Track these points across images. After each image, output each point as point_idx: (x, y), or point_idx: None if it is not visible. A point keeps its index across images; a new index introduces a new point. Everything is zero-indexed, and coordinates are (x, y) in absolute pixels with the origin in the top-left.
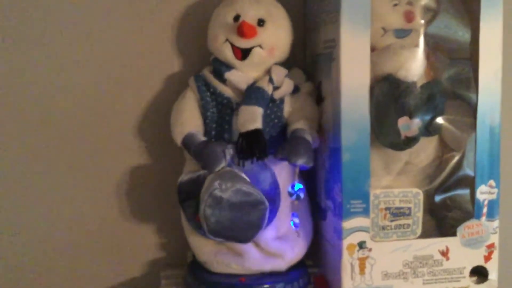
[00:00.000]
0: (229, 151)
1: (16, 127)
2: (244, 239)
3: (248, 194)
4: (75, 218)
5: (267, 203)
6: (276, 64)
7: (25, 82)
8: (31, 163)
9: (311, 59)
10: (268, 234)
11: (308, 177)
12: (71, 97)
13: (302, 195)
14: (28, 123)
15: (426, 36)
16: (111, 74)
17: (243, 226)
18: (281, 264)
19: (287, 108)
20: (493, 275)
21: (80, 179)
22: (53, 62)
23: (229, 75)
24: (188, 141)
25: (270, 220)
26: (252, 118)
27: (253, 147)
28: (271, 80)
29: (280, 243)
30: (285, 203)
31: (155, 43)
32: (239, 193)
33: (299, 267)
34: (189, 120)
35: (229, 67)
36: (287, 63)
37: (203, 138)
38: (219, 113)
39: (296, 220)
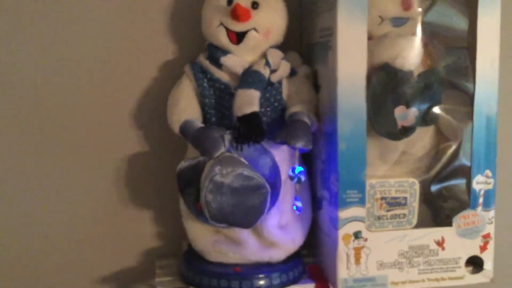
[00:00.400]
0: (228, 136)
1: (13, 117)
2: (247, 224)
3: (249, 178)
4: (71, 207)
5: (268, 187)
6: (271, 47)
7: (22, 72)
8: (29, 153)
9: (307, 47)
10: (270, 221)
11: (304, 166)
12: (65, 86)
13: (303, 178)
14: (26, 114)
15: (423, 24)
16: (106, 63)
17: (245, 211)
18: (279, 255)
19: (285, 91)
20: (488, 265)
21: (76, 168)
22: (47, 52)
23: (224, 60)
24: (185, 128)
25: (272, 205)
26: (249, 101)
27: (251, 130)
28: (267, 63)
29: (282, 232)
30: (286, 189)
31: (149, 29)
32: (240, 177)
33: (294, 257)
34: (186, 107)
35: (225, 51)
36: (282, 50)
37: (200, 125)
38: (218, 99)
39: (299, 204)
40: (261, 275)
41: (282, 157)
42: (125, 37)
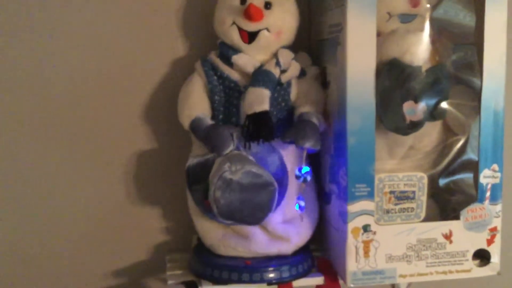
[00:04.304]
0: (237, 134)
1: (22, 115)
2: (254, 221)
3: (257, 176)
4: (81, 202)
5: (276, 184)
6: (282, 47)
7: (31, 69)
8: (39, 151)
9: (315, 44)
10: (275, 218)
11: (312, 161)
12: (75, 83)
13: (309, 178)
14: (35, 112)
15: (431, 20)
16: (116, 60)
17: (253, 208)
18: (287, 248)
19: (294, 92)
20: (495, 258)
21: (86, 164)
22: (56, 50)
23: (236, 58)
24: (195, 125)
25: (279, 202)
26: (259, 100)
27: (260, 129)
28: (278, 63)
29: (287, 226)
30: (292, 186)
31: (161, 27)
32: (249, 174)
33: (303, 250)
34: (196, 104)
35: (236, 50)
36: (292, 48)
37: (210, 122)
38: (227, 97)
39: (302, 203)
40: (271, 268)
41: (290, 156)
42: (136, 34)
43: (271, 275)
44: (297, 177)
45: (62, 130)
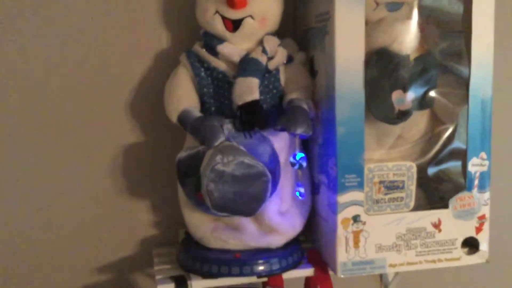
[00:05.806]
0: (227, 125)
1: (10, 108)
2: (248, 212)
3: (250, 167)
4: (68, 197)
5: (269, 175)
6: (267, 34)
7: (16, 61)
8: (26, 145)
9: (302, 33)
10: (271, 208)
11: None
12: (60, 78)
13: (304, 164)
14: (22, 105)
15: (419, 8)
16: (100, 53)
17: (246, 199)
18: (279, 240)
19: (283, 78)
20: (484, 246)
21: (73, 158)
22: (42, 44)
23: (221, 48)
24: (184, 118)
25: (272, 192)
26: (249, 89)
27: (253, 118)
28: (264, 51)
29: (283, 219)
30: (285, 175)
31: (143, 18)
32: (241, 166)
33: (293, 242)
34: (183, 96)
35: (221, 40)
36: (277, 36)
37: (199, 114)
38: (216, 88)
39: (302, 190)
40: (260, 261)
41: (281, 144)
42: (119, 26)
43: (261, 268)
44: (293, 164)
45: (49, 124)
